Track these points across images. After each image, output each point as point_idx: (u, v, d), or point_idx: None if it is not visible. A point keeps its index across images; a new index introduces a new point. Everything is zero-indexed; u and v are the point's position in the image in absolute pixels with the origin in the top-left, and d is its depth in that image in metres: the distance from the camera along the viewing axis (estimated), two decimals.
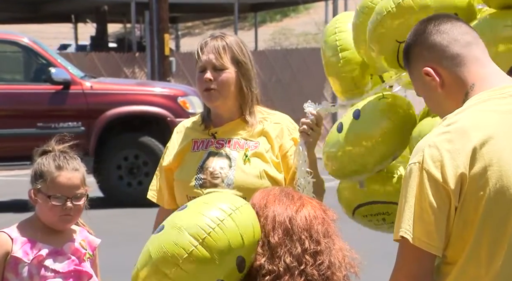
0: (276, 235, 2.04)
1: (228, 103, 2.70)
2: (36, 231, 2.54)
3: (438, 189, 1.84)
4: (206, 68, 2.68)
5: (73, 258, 2.55)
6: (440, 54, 1.98)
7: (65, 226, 2.56)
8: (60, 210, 2.51)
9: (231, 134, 2.71)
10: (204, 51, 2.67)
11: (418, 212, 1.84)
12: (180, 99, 9.96)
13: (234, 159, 2.66)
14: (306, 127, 2.64)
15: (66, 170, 2.53)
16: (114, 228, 8.29)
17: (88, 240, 2.62)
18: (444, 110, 1.99)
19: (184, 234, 2.00)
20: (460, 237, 1.86)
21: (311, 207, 2.09)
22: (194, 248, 1.98)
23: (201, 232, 1.99)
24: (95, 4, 19.55)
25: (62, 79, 9.59)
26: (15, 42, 9.96)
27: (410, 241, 1.84)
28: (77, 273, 2.54)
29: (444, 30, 2.00)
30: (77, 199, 2.54)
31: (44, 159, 2.55)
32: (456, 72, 1.97)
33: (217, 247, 1.99)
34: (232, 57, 2.67)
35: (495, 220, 1.85)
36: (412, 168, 1.87)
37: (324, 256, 2.04)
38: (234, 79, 2.67)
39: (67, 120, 9.63)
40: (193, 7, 20.42)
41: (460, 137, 1.87)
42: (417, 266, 1.85)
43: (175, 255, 1.98)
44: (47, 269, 2.50)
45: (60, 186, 2.51)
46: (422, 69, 1.99)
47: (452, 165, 1.85)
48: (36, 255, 2.49)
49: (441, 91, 1.98)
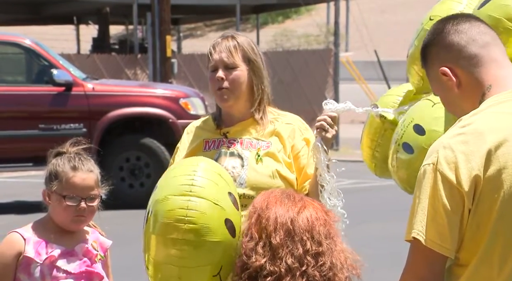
0: (278, 236, 2.04)
1: (240, 102, 2.70)
2: (49, 232, 2.55)
3: (452, 191, 1.83)
4: (218, 67, 2.69)
5: (85, 259, 2.56)
6: (457, 54, 1.97)
7: (78, 227, 2.57)
8: (74, 211, 2.53)
9: (243, 134, 2.72)
10: (216, 50, 2.69)
11: (431, 214, 1.84)
12: (182, 101, 9.97)
13: (246, 158, 2.67)
14: (323, 123, 2.63)
15: (81, 171, 2.55)
16: (116, 230, 8.28)
17: (100, 242, 2.63)
18: (460, 110, 1.99)
19: (172, 198, 2.12)
20: (473, 240, 1.85)
21: (313, 209, 2.10)
22: (189, 202, 2.10)
23: (185, 187, 2.13)
24: (97, 5, 19.56)
25: (64, 80, 9.60)
26: (17, 43, 9.97)
27: (423, 243, 1.83)
28: (88, 275, 2.55)
29: (462, 30, 1.98)
30: (91, 200, 2.55)
31: (59, 160, 2.57)
32: (473, 72, 1.96)
33: (206, 190, 2.12)
34: (244, 56, 2.69)
35: (508, 223, 1.85)
36: (426, 169, 1.87)
37: (325, 257, 2.04)
38: (245, 78, 2.68)
39: (69, 122, 9.65)
40: (195, 8, 20.42)
41: (475, 139, 1.86)
42: (428, 268, 1.85)
43: (178, 218, 2.09)
44: (59, 270, 2.51)
45: (74, 186, 2.53)
46: (439, 69, 1.99)
47: (466, 167, 1.84)
48: (48, 256, 2.50)
49: (457, 91, 1.97)
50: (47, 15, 20.66)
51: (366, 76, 20.59)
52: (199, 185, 2.14)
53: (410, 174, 2.57)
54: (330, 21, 24.73)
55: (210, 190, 2.14)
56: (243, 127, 2.72)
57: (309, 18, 29.72)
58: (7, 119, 9.60)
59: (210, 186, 2.15)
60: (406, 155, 2.59)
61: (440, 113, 2.60)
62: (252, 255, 2.05)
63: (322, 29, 26.91)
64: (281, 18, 32.08)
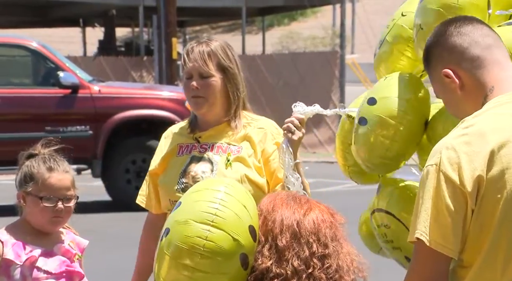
0: (284, 239, 2.03)
1: (214, 109, 2.72)
2: (25, 234, 2.53)
3: (455, 191, 1.83)
4: (192, 75, 2.70)
5: (64, 259, 2.55)
6: (460, 56, 1.97)
7: (55, 228, 2.56)
8: (51, 212, 2.51)
9: (215, 138, 2.73)
10: (190, 57, 2.70)
11: (435, 214, 1.83)
12: (187, 103, 9.95)
13: (216, 163, 2.68)
14: (290, 125, 2.63)
15: (57, 171, 2.53)
16: (122, 232, 8.30)
17: (76, 242, 2.62)
18: (463, 112, 1.98)
19: (192, 224, 2.04)
20: (477, 240, 1.85)
21: (319, 211, 2.09)
22: (209, 232, 2.02)
23: (208, 215, 2.04)
24: (103, 8, 19.59)
25: (71, 83, 9.60)
26: (24, 46, 9.98)
27: (426, 243, 1.83)
28: (68, 274, 2.54)
29: (465, 32, 1.98)
30: (68, 201, 2.54)
31: (34, 161, 2.55)
32: (475, 74, 1.96)
33: (228, 222, 2.04)
34: (218, 64, 2.69)
35: (511, 224, 1.84)
36: (429, 170, 1.86)
37: (332, 260, 2.03)
38: (220, 86, 2.69)
39: (75, 124, 9.65)
40: (201, 11, 20.44)
41: (478, 139, 1.86)
42: (432, 269, 1.84)
43: (194, 245, 2.03)
44: (40, 270, 2.50)
45: (51, 187, 2.51)
46: (441, 71, 1.98)
47: (469, 167, 1.83)
48: (28, 257, 2.49)
49: (460, 93, 1.97)
50: (54, 17, 20.72)
51: (372, 78, 20.54)
52: (222, 216, 2.05)
53: (368, 149, 2.55)
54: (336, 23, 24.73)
55: (232, 224, 2.05)
56: (215, 132, 2.74)
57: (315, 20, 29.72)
58: (13, 121, 9.61)
59: (233, 219, 2.06)
60: (362, 128, 2.57)
61: (391, 82, 2.60)
62: (259, 258, 2.04)
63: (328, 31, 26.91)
64: (287, 20, 32.08)
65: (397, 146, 2.54)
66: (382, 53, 2.75)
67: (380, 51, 2.76)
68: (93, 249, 3.72)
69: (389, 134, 2.53)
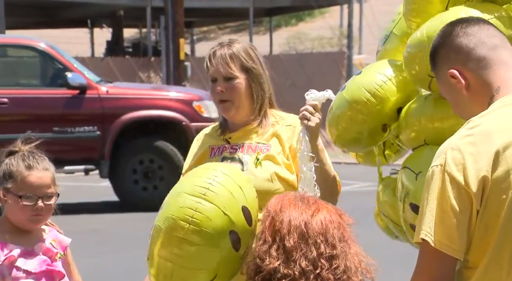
0: (292, 239, 2.03)
1: (242, 111, 2.74)
2: (4, 233, 2.51)
3: (460, 192, 1.82)
4: (216, 78, 2.73)
5: (45, 258, 2.52)
6: (466, 57, 1.96)
7: (36, 226, 2.54)
8: (31, 210, 2.49)
9: (244, 138, 2.75)
10: (212, 61, 2.72)
11: (440, 215, 1.83)
12: (195, 104, 9.97)
13: (246, 162, 2.69)
14: (305, 113, 2.64)
15: (36, 169, 2.51)
16: (129, 232, 8.31)
17: (59, 240, 2.60)
18: (469, 113, 1.97)
19: (185, 197, 2.14)
20: (482, 241, 1.84)
21: (327, 212, 2.09)
22: (199, 204, 2.11)
23: (201, 189, 2.15)
24: (111, 9, 19.62)
25: (78, 83, 9.62)
26: (32, 47, 9.99)
27: (431, 244, 1.82)
28: (49, 273, 2.52)
29: (471, 32, 1.98)
30: (48, 199, 2.51)
31: (13, 159, 2.52)
32: (481, 75, 1.95)
33: (220, 197, 2.13)
34: (241, 65, 2.71)
35: None
36: (434, 171, 1.86)
37: (339, 261, 2.03)
38: (244, 87, 2.71)
39: (83, 125, 9.67)
40: (208, 12, 20.46)
41: (483, 140, 1.85)
42: (438, 269, 1.83)
43: (185, 216, 2.11)
44: (19, 270, 2.48)
45: (31, 185, 2.49)
46: (447, 71, 1.98)
47: (474, 168, 1.83)
48: (7, 256, 2.47)
49: (466, 94, 1.97)
50: (62, 18, 20.77)
51: None
52: (214, 191, 2.14)
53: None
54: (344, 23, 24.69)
55: (223, 199, 2.14)
56: (244, 132, 2.76)
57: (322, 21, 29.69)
58: (22, 122, 9.59)
59: (225, 195, 2.15)
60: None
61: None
62: (266, 258, 2.04)
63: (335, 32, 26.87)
64: (295, 20, 32.05)
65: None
66: (389, 48, 2.75)
67: (387, 46, 2.76)
68: (100, 249, 3.80)
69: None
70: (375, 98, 2.73)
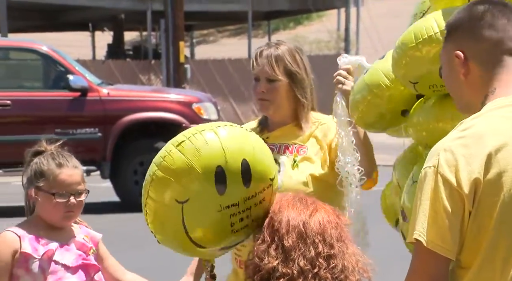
0: (290, 239, 2.03)
1: (281, 111, 2.74)
2: (39, 229, 2.53)
3: (452, 193, 1.82)
4: (259, 78, 2.72)
5: (80, 252, 2.55)
6: (479, 50, 1.93)
7: (68, 222, 2.56)
8: (64, 207, 2.51)
9: (282, 139, 2.74)
10: (258, 61, 2.71)
11: (432, 216, 1.82)
12: (194, 106, 9.99)
13: (283, 164, 2.68)
14: (339, 78, 2.62)
15: (66, 167, 2.53)
16: (130, 232, 8.30)
17: (91, 236, 2.62)
18: (460, 96, 1.96)
19: (166, 145, 2.14)
20: (475, 242, 1.84)
21: (325, 212, 2.09)
22: (169, 152, 2.10)
23: (180, 137, 2.11)
24: (112, 12, 19.62)
25: (80, 86, 9.62)
26: (35, 50, 10.00)
27: (424, 244, 1.82)
28: (85, 267, 2.54)
29: (498, 26, 1.92)
30: (79, 195, 2.54)
31: (42, 158, 2.54)
32: (484, 72, 1.93)
33: (193, 150, 2.07)
34: (285, 68, 2.70)
35: (509, 226, 1.83)
36: (427, 172, 1.85)
37: (337, 260, 2.03)
38: (286, 90, 2.71)
39: (85, 126, 9.67)
40: (207, 15, 20.45)
41: (475, 142, 1.84)
42: (431, 269, 1.83)
43: (155, 161, 2.13)
44: (57, 264, 2.50)
45: (63, 183, 2.51)
46: (456, 50, 1.94)
47: (466, 170, 1.82)
48: (46, 251, 2.49)
49: (463, 79, 1.94)
50: (64, 22, 20.77)
51: None
52: (193, 142, 2.09)
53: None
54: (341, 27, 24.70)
55: (197, 154, 2.06)
56: (282, 132, 2.75)
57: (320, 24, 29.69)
58: (24, 124, 9.61)
59: (202, 150, 2.07)
60: None
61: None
62: (265, 257, 2.04)
63: (333, 35, 26.88)
64: (293, 24, 32.06)
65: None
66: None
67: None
68: None
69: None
70: (393, 84, 2.60)
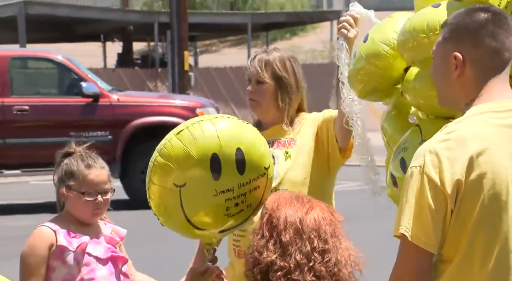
0: (288, 235, 2.02)
1: (269, 112, 2.79)
2: (69, 225, 2.55)
3: (436, 192, 1.82)
4: (251, 79, 2.80)
5: (109, 246, 2.57)
6: (478, 56, 1.90)
7: (95, 219, 2.59)
8: (92, 205, 2.53)
9: (274, 136, 2.79)
10: (251, 64, 2.79)
11: (417, 212, 1.82)
12: (198, 110, 10.02)
13: (277, 156, 2.73)
14: (345, 24, 2.60)
15: (95, 168, 2.55)
16: (138, 228, 8.30)
17: (116, 231, 2.65)
18: (446, 92, 1.93)
19: (168, 134, 2.16)
20: (456, 238, 1.84)
21: (320, 209, 2.08)
22: (169, 140, 2.14)
23: (180, 127, 2.15)
24: (122, 24, 19.64)
25: (92, 92, 9.67)
26: (51, 59, 10.07)
27: (409, 239, 1.82)
28: (114, 259, 2.57)
29: (497, 37, 1.89)
30: (106, 194, 2.57)
31: (72, 159, 2.56)
32: (477, 77, 1.91)
33: (190, 138, 2.10)
34: (272, 72, 2.76)
35: (488, 224, 1.83)
36: (413, 171, 1.85)
37: (331, 254, 2.02)
38: (271, 92, 2.76)
39: (96, 130, 9.70)
40: (210, 27, 20.47)
41: (459, 145, 1.84)
42: (416, 262, 1.83)
43: (149, 166, 2.22)
44: (90, 256, 2.52)
45: (91, 183, 2.53)
46: (454, 52, 1.91)
47: (450, 171, 1.82)
48: (80, 244, 2.52)
49: (454, 79, 1.92)
50: (77, 33, 20.80)
51: None
52: (192, 132, 2.10)
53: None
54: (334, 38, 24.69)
55: (194, 142, 2.09)
56: (274, 131, 2.80)
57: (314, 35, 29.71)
58: (41, 128, 9.65)
59: (199, 139, 2.10)
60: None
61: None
62: (264, 252, 2.03)
63: (326, 45, 26.88)
64: (289, 35, 32.08)
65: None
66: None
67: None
68: None
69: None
70: (393, 50, 2.43)
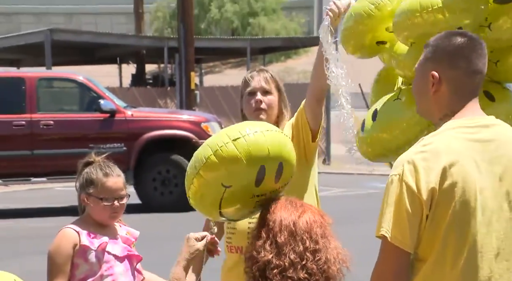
0: (282, 236, 2.02)
1: (271, 119, 2.83)
2: (89, 226, 2.57)
3: (413, 198, 1.83)
4: (256, 92, 2.80)
5: (125, 245, 2.58)
6: (452, 76, 1.90)
7: (113, 221, 2.60)
8: (110, 209, 2.54)
9: None
10: (255, 79, 2.82)
11: (396, 216, 1.84)
12: (203, 124, 10.08)
13: None
14: (334, 8, 2.61)
15: (111, 176, 2.56)
16: (149, 230, 8.27)
17: (131, 232, 2.66)
18: (423, 104, 1.94)
19: (221, 135, 2.09)
20: (430, 239, 1.85)
21: (311, 213, 2.07)
22: (225, 144, 2.05)
23: (237, 133, 2.07)
24: (136, 49, 19.69)
25: (109, 108, 9.73)
26: (73, 79, 10.15)
27: (389, 239, 1.84)
28: (129, 257, 2.58)
29: (471, 60, 1.89)
30: (122, 199, 2.58)
31: (92, 168, 2.57)
32: (453, 95, 1.91)
33: (245, 148, 2.03)
34: (276, 85, 2.85)
35: (458, 228, 1.84)
36: (393, 179, 1.87)
37: (321, 253, 2.02)
38: (277, 102, 2.84)
39: (113, 142, 9.75)
40: (214, 50, 20.53)
41: (433, 157, 1.86)
42: (395, 261, 1.84)
43: (198, 159, 2.09)
44: (110, 254, 2.53)
45: (109, 189, 2.54)
46: (433, 70, 1.90)
47: (425, 180, 1.84)
48: (101, 243, 2.53)
49: (431, 95, 1.92)
50: (97, 57, 20.87)
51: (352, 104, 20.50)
52: (247, 140, 2.04)
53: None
54: None
55: (248, 151, 2.03)
56: None
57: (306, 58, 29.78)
58: (64, 140, 9.71)
59: (252, 150, 2.04)
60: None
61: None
62: (261, 251, 2.02)
63: None
64: (284, 57, 32.18)
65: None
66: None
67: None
68: None
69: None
70: (378, 10, 2.47)
